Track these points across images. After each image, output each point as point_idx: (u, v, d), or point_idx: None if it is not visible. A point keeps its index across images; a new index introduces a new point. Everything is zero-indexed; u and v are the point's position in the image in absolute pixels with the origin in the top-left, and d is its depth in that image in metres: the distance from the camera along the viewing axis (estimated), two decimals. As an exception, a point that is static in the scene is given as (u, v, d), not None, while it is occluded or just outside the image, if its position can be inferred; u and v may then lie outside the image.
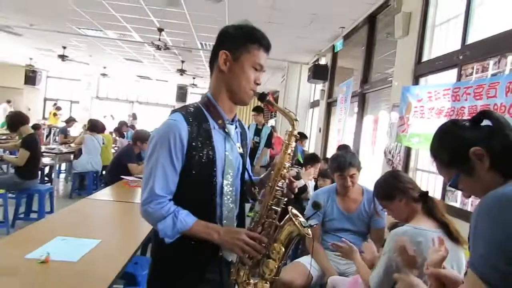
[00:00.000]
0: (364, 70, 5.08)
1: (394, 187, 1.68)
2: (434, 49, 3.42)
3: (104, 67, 12.27)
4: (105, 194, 3.20)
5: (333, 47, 6.21)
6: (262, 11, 5.04)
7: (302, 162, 4.36)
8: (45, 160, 6.05)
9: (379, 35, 4.90)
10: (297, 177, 3.45)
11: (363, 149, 4.97)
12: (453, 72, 2.93)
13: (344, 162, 2.32)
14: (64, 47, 9.21)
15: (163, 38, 6.92)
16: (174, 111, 1.25)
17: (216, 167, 1.22)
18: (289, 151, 1.25)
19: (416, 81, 3.50)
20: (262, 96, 1.29)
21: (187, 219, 1.18)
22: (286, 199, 1.25)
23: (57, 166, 6.74)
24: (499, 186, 0.89)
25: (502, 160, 0.94)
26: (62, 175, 7.49)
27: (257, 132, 5.77)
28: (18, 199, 4.19)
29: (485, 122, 1.01)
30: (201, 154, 1.19)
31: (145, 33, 6.97)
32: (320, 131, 6.94)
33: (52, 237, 1.84)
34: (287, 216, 1.23)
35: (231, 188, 1.27)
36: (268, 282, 1.23)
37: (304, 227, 1.22)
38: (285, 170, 1.24)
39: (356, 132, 5.11)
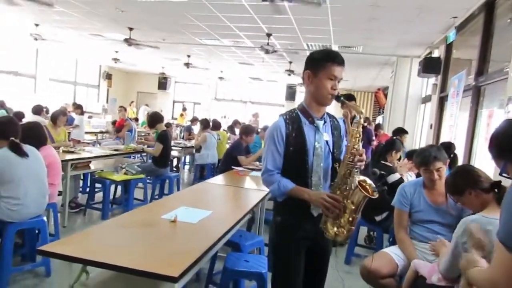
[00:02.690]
0: (480, 61, 4.70)
1: (463, 181, 1.75)
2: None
3: (221, 71, 13.53)
4: (219, 179, 3.82)
5: (446, 38, 5.85)
6: (365, 9, 5.10)
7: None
8: (173, 153, 7.16)
9: (499, 22, 4.48)
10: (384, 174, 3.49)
11: (477, 146, 4.62)
12: None
13: (428, 157, 2.36)
14: (189, 56, 10.57)
15: (272, 42, 7.45)
16: (280, 115, 1.84)
17: (308, 151, 1.74)
18: (356, 135, 1.69)
19: (535, 71, 3.20)
20: (336, 98, 1.76)
21: (287, 185, 1.73)
22: (356, 170, 1.68)
23: (183, 158, 7.89)
24: None
25: None
26: (187, 167, 8.71)
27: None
28: (153, 183, 5.16)
29: None
30: (296, 142, 1.74)
31: (255, 39, 7.60)
32: (431, 127, 6.57)
33: (178, 206, 2.42)
34: (355, 184, 1.64)
35: (320, 166, 1.77)
36: (345, 229, 1.68)
37: (373, 191, 1.63)
38: (354, 149, 1.67)
39: (468, 128, 4.77)
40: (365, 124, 5.30)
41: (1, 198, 2.65)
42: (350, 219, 1.66)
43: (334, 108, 4.87)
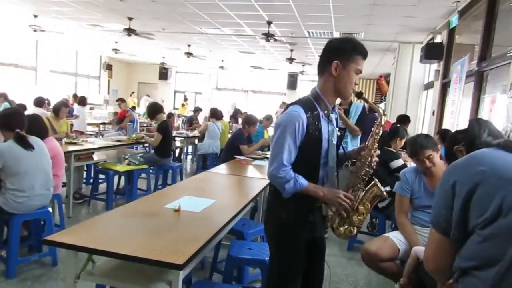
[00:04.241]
0: (483, 46, 4.65)
1: None
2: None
3: (222, 60, 13.44)
4: (221, 168, 3.83)
5: (449, 23, 5.78)
6: (366, -5, 5.04)
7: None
8: (176, 143, 7.18)
9: (502, 6, 4.42)
10: None
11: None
12: None
13: (415, 147, 2.42)
14: (189, 45, 10.49)
15: (272, 30, 7.39)
16: (293, 104, 1.70)
17: (322, 147, 1.67)
18: (377, 138, 1.71)
19: (539, 55, 3.16)
20: (359, 94, 1.76)
21: (302, 182, 1.63)
22: (371, 171, 1.73)
23: (185, 148, 7.91)
24: None
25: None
26: (189, 157, 8.74)
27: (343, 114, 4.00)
28: (156, 174, 5.19)
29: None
30: (313, 136, 1.64)
31: (255, 27, 7.54)
32: (433, 114, 6.55)
33: (181, 195, 2.44)
34: (373, 182, 1.73)
35: (333, 160, 1.73)
36: (355, 227, 1.75)
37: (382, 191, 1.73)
38: (374, 152, 1.71)
39: (471, 114, 4.75)
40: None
41: (7, 191, 2.67)
42: (360, 217, 1.72)
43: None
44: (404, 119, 5.87)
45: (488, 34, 4.58)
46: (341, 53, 1.64)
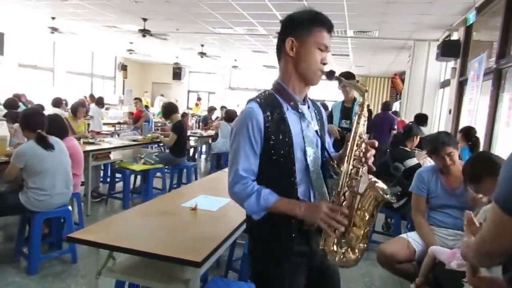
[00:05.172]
0: (501, 43, 4.56)
1: (480, 169, 1.73)
2: None
3: (235, 60, 13.49)
4: (235, 168, 3.85)
5: (466, 20, 5.68)
6: (381, -8, 4.99)
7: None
8: (190, 142, 7.25)
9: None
10: None
11: (498, 131, 4.52)
12: None
13: (437, 143, 2.39)
14: (202, 45, 10.57)
15: (285, 29, 7.38)
16: (249, 100, 1.34)
17: (294, 146, 1.28)
18: (362, 121, 1.30)
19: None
20: (329, 74, 1.34)
21: (269, 197, 1.25)
22: (365, 167, 1.27)
23: (199, 148, 7.97)
24: None
25: None
26: (203, 156, 8.81)
27: (345, 113, 3.83)
28: (171, 173, 5.25)
29: None
30: (278, 136, 1.26)
31: (268, 26, 7.54)
32: (450, 112, 6.45)
33: (197, 195, 2.48)
34: (368, 183, 1.25)
35: (315, 166, 1.34)
36: (357, 250, 1.24)
37: (386, 194, 1.21)
38: (360, 139, 1.28)
39: (489, 113, 4.66)
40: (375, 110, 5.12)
41: (29, 189, 2.75)
42: (363, 233, 1.23)
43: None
44: (422, 118, 5.79)
45: (507, 30, 4.49)
46: (295, 27, 1.31)
